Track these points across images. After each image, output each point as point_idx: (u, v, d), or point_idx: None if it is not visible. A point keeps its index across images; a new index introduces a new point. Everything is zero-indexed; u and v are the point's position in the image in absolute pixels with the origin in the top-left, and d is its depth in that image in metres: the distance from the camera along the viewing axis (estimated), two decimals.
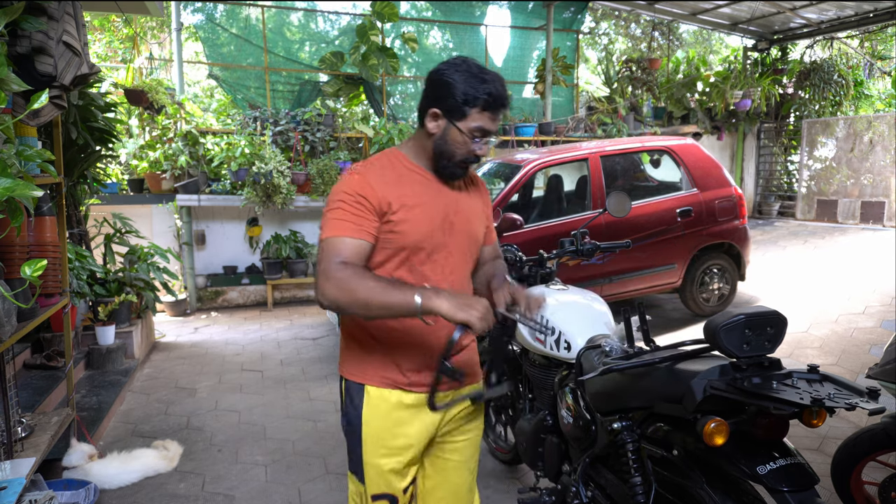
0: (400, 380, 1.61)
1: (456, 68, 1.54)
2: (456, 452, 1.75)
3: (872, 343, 4.55)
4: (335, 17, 8.44)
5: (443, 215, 1.61)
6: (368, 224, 1.51)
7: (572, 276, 4.75)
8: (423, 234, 1.56)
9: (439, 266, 1.61)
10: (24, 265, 1.68)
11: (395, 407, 1.61)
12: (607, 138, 7.92)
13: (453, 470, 1.76)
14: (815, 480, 1.39)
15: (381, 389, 1.61)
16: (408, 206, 1.55)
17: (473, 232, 1.70)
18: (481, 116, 1.53)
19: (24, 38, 2.35)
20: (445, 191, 1.64)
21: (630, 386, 1.74)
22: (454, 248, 1.64)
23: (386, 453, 1.61)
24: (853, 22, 9.15)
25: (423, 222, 1.56)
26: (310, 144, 7.09)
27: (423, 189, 1.60)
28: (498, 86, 1.54)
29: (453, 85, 1.52)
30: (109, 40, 8.87)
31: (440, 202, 1.62)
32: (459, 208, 1.66)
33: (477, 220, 1.72)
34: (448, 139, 1.56)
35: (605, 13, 11.55)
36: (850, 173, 9.21)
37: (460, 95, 1.51)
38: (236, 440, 3.56)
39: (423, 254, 1.58)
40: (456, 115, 1.53)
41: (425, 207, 1.58)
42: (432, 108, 1.55)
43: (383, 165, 1.60)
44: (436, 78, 1.56)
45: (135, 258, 5.09)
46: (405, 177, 1.60)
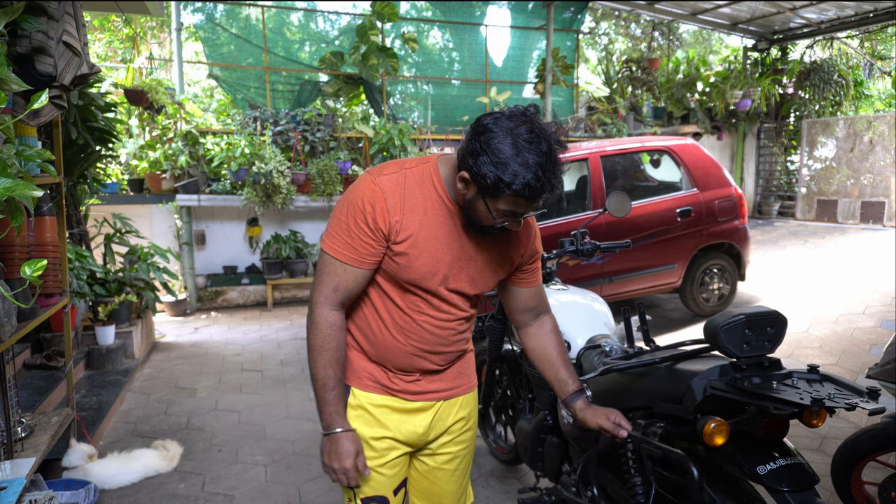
0: (389, 385, 1.57)
1: (507, 131, 1.28)
2: (451, 462, 1.69)
3: (872, 343, 4.55)
4: (335, 17, 8.44)
5: (453, 258, 1.48)
6: (372, 252, 1.44)
7: (572, 276, 4.75)
8: (423, 273, 1.46)
9: (437, 302, 1.51)
10: (24, 265, 1.68)
11: (381, 409, 1.57)
12: (607, 138, 7.92)
13: (445, 480, 1.70)
14: (815, 480, 1.39)
15: (369, 393, 1.57)
16: (416, 241, 1.43)
17: (484, 281, 1.54)
18: (515, 202, 1.31)
19: (24, 38, 2.35)
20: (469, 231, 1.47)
21: (630, 386, 1.74)
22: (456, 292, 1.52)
23: (371, 455, 1.56)
24: (853, 22, 9.15)
25: (427, 264, 1.45)
26: (310, 144, 7.09)
27: (442, 224, 1.45)
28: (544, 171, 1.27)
29: (496, 153, 1.27)
30: (109, 40, 8.87)
31: (456, 244, 1.47)
32: (476, 256, 1.50)
33: (494, 271, 1.55)
34: (475, 208, 1.38)
35: (605, 13, 11.56)
36: (850, 173, 9.21)
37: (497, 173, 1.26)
38: (236, 440, 3.56)
39: (421, 290, 1.49)
40: (487, 191, 1.31)
41: (437, 247, 1.45)
42: (463, 173, 1.34)
43: (408, 184, 1.44)
44: (480, 133, 1.31)
45: (135, 258, 5.09)
46: (428, 203, 1.44)
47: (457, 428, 1.67)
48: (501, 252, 1.55)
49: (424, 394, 1.60)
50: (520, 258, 1.60)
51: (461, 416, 1.67)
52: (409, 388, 1.58)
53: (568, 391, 1.66)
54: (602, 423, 1.60)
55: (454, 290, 1.51)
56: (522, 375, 2.66)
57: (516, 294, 1.67)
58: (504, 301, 1.71)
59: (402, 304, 1.52)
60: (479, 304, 1.65)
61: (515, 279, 1.65)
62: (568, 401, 1.66)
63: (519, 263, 1.61)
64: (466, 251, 1.49)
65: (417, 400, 1.59)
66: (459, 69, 9.00)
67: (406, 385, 1.57)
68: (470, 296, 1.56)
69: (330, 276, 1.46)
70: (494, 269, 1.55)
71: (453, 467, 1.69)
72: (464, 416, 1.68)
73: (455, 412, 1.66)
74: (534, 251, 1.62)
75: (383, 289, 1.52)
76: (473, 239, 1.49)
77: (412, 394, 1.58)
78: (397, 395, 1.57)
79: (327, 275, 1.47)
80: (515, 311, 1.70)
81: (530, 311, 1.70)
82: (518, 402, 2.83)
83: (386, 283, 1.52)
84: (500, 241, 1.53)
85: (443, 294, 1.51)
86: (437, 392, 1.62)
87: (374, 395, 1.57)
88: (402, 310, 1.52)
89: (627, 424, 1.59)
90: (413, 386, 1.58)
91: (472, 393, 1.71)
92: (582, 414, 1.64)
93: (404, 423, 1.58)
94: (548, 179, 1.28)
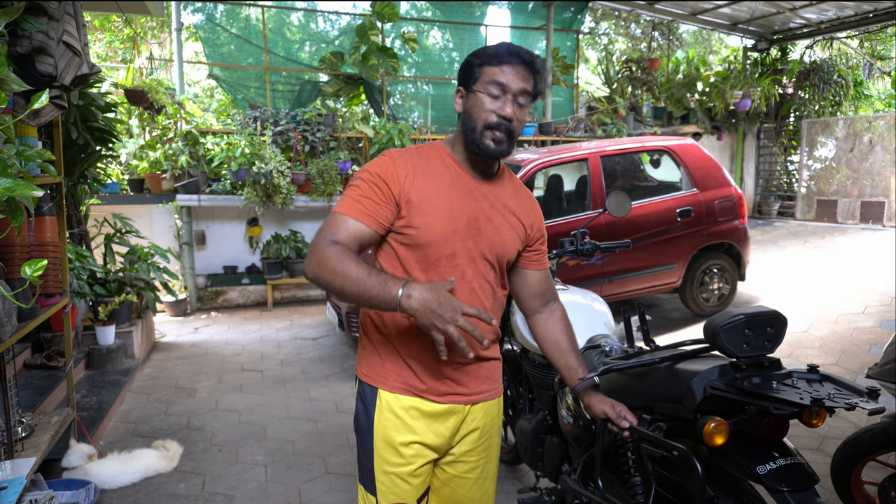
0: (417, 385, 1.52)
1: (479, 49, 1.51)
2: (474, 471, 1.65)
3: (872, 343, 4.55)
4: (335, 17, 8.44)
5: (470, 218, 1.50)
6: (378, 211, 1.44)
7: (572, 276, 4.75)
8: (440, 233, 1.46)
9: (460, 270, 1.50)
10: (25, 265, 1.68)
11: (409, 413, 1.52)
12: (607, 138, 7.92)
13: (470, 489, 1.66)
14: (815, 480, 1.39)
15: (397, 395, 1.52)
16: (430, 202, 1.46)
17: (503, 244, 1.56)
18: (496, 70, 1.44)
19: (25, 38, 2.35)
20: (481, 193, 1.53)
21: (630, 386, 1.74)
22: (478, 256, 1.52)
23: (398, 462, 1.52)
24: (853, 22, 9.15)
25: (443, 222, 1.46)
26: (310, 144, 7.10)
27: (454, 185, 1.51)
28: (516, 46, 1.47)
29: (472, 58, 1.49)
30: (109, 40, 8.88)
31: (470, 203, 1.51)
32: (492, 216, 1.53)
33: (511, 234, 1.57)
34: (468, 109, 1.49)
35: (605, 13, 11.56)
36: (850, 173, 9.21)
37: (476, 60, 1.48)
38: (236, 440, 3.56)
39: (441, 255, 1.48)
40: (472, 81, 1.48)
41: (450, 206, 1.48)
42: (457, 89, 1.53)
43: (420, 156, 1.53)
44: (461, 65, 1.53)
45: (135, 258, 5.09)
46: (439, 170, 1.51)
47: (475, 437, 1.63)
48: (514, 214, 1.58)
49: (452, 395, 1.55)
50: (530, 227, 1.63)
51: (480, 424, 1.63)
52: (437, 388, 1.53)
53: (576, 378, 1.68)
54: (607, 410, 1.63)
55: (478, 252, 1.51)
56: (522, 375, 2.66)
57: (527, 278, 1.69)
58: (514, 288, 1.72)
59: (425, 278, 1.48)
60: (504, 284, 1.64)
61: (525, 260, 1.66)
62: (577, 388, 1.68)
63: (530, 237, 1.63)
64: (483, 211, 1.52)
65: (445, 402, 1.54)
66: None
67: (434, 384, 1.52)
68: (493, 262, 1.55)
69: (329, 226, 1.44)
70: (511, 234, 1.57)
71: (475, 476, 1.66)
72: (482, 426, 1.63)
73: (480, 418, 1.62)
74: (541, 228, 1.67)
75: (405, 267, 1.50)
76: (487, 200, 1.53)
77: (440, 395, 1.53)
78: (425, 396, 1.53)
79: (327, 226, 1.44)
80: (526, 296, 1.72)
81: (540, 296, 1.72)
82: (518, 402, 2.83)
83: (408, 260, 1.49)
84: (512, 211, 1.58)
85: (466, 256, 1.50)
86: (465, 395, 1.57)
87: (402, 396, 1.52)
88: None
89: (632, 417, 1.60)
90: (441, 385, 1.53)
91: (497, 399, 1.67)
92: (588, 400, 1.67)
93: (432, 427, 1.54)
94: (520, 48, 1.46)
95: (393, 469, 1.52)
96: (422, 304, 1.26)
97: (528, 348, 2.47)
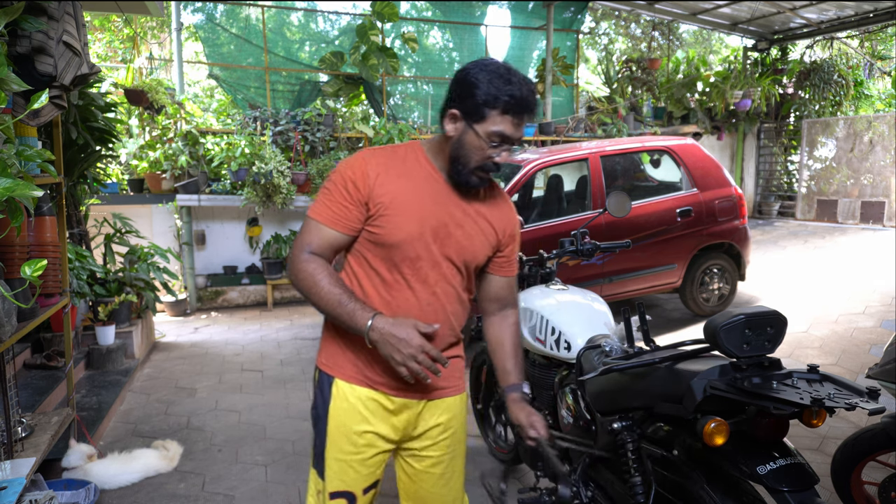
0: (373, 378, 1.55)
1: (482, 68, 1.44)
2: (438, 466, 1.67)
3: (872, 343, 4.55)
4: (335, 17, 8.44)
5: (440, 222, 1.51)
6: (349, 215, 1.48)
7: (572, 276, 4.75)
8: (407, 235, 1.47)
9: (423, 273, 1.51)
10: (24, 265, 1.68)
11: (364, 404, 1.55)
12: (607, 138, 7.92)
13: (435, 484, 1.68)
14: (815, 480, 1.39)
15: (353, 385, 1.55)
16: (400, 204, 1.47)
17: (472, 251, 1.57)
18: (502, 120, 1.42)
19: (24, 38, 2.35)
20: (455, 199, 1.53)
21: (630, 386, 1.73)
22: (443, 261, 1.53)
23: (349, 450, 1.56)
24: (853, 22, 9.15)
25: (410, 223, 1.48)
26: (310, 144, 7.10)
27: (427, 189, 1.51)
28: (524, 89, 1.42)
29: (475, 84, 1.41)
30: (109, 40, 8.88)
31: (441, 208, 1.51)
32: (464, 222, 1.54)
33: (482, 241, 1.58)
34: (464, 143, 1.46)
35: (605, 13, 11.55)
36: (850, 173, 9.21)
37: (481, 95, 1.41)
38: (236, 440, 3.56)
39: (405, 256, 1.49)
40: (474, 117, 1.44)
41: (420, 209, 1.49)
42: (451, 109, 1.47)
43: (395, 156, 1.53)
44: (460, 77, 1.46)
45: (135, 258, 5.09)
46: (413, 172, 1.52)
47: (436, 433, 1.64)
48: (487, 220, 1.59)
49: (407, 391, 1.56)
50: (503, 233, 1.63)
51: (442, 420, 1.64)
52: (393, 383, 1.54)
53: (508, 382, 1.72)
54: (522, 417, 1.66)
55: (443, 257, 1.53)
56: None
57: (491, 282, 1.71)
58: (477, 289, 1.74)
59: (388, 278, 1.51)
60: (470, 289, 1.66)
61: (493, 265, 1.68)
62: (506, 391, 1.72)
63: (501, 243, 1.64)
64: (454, 216, 1.53)
65: (400, 396, 1.56)
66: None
67: (390, 379, 1.53)
68: (459, 267, 1.57)
69: (305, 234, 1.51)
70: (482, 240, 1.59)
71: (440, 471, 1.67)
72: (443, 422, 1.65)
73: (438, 415, 1.63)
74: (514, 234, 1.68)
75: (370, 263, 1.52)
76: (459, 206, 1.54)
77: (395, 389, 1.55)
78: (380, 388, 1.55)
79: (303, 234, 1.52)
80: (485, 298, 1.75)
81: (499, 300, 1.75)
82: None
83: (373, 257, 1.52)
84: (485, 217, 1.58)
85: (430, 260, 1.51)
86: (421, 392, 1.58)
87: (358, 387, 1.56)
88: (388, 284, 1.51)
89: (542, 430, 1.64)
90: (397, 380, 1.53)
91: (459, 396, 1.69)
92: (511, 405, 1.69)
93: (386, 419, 1.57)
94: (530, 96, 1.44)
95: (344, 457, 1.57)
96: (383, 339, 1.39)
97: (528, 348, 2.47)
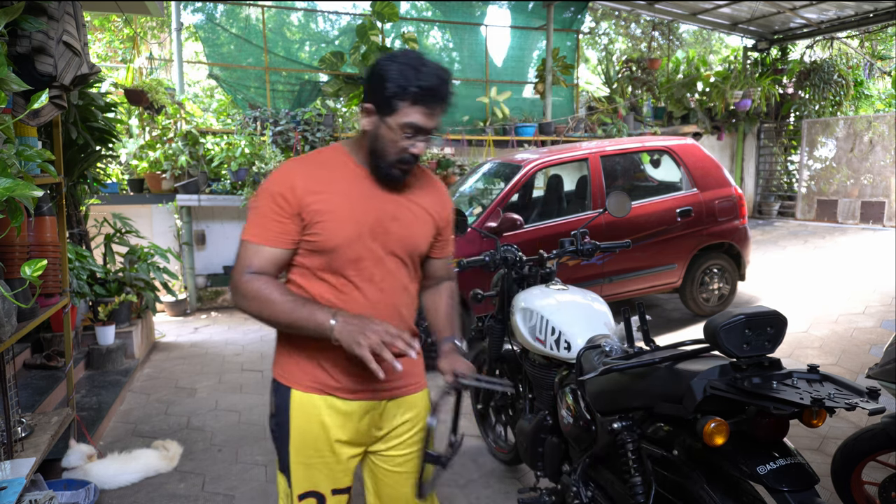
0: (329, 383, 1.52)
1: (392, 60, 1.42)
2: (405, 464, 1.65)
3: (872, 343, 4.55)
4: (335, 17, 8.44)
5: (375, 219, 1.49)
6: (285, 229, 1.45)
7: (572, 276, 4.75)
8: (345, 238, 1.46)
9: (368, 273, 1.50)
10: (24, 265, 1.68)
11: (324, 412, 1.52)
12: (607, 138, 7.92)
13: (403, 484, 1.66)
14: (815, 480, 1.39)
15: (310, 395, 1.52)
16: (332, 208, 1.45)
17: (413, 240, 1.57)
18: (413, 111, 1.41)
19: (24, 38, 2.35)
20: (385, 192, 1.52)
21: (630, 386, 1.73)
22: (386, 256, 1.52)
23: (313, 454, 1.53)
24: (853, 22, 9.15)
25: (346, 226, 1.46)
26: (310, 144, 7.09)
27: (356, 190, 1.49)
28: (434, 78, 1.40)
29: (385, 77, 1.39)
30: (109, 40, 8.87)
31: (374, 205, 1.50)
32: (399, 214, 1.54)
33: (420, 228, 1.58)
34: (379, 137, 1.45)
35: (605, 13, 11.56)
36: (850, 173, 9.21)
37: (390, 88, 1.39)
38: (236, 440, 3.56)
39: (347, 259, 1.48)
40: (386, 110, 1.42)
41: (353, 211, 1.47)
42: (365, 104, 1.46)
43: (318, 162, 1.51)
44: (372, 70, 1.44)
45: (135, 258, 5.08)
46: (338, 175, 1.50)
47: (403, 430, 1.63)
48: (422, 207, 1.59)
49: (365, 392, 1.54)
50: (439, 217, 1.64)
51: (407, 417, 1.63)
52: (350, 385, 1.52)
53: (441, 336, 1.74)
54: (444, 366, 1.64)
55: (385, 253, 1.52)
56: (522, 375, 2.66)
57: (429, 264, 1.73)
58: None
59: (335, 283, 1.50)
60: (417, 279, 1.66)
61: (433, 249, 1.69)
62: (439, 344, 1.73)
63: (439, 226, 1.66)
64: (388, 211, 1.52)
65: (358, 398, 1.54)
66: (459, 69, 9.00)
67: (346, 381, 1.51)
68: (403, 259, 1.57)
69: (243, 259, 1.47)
70: (420, 228, 1.59)
71: (408, 469, 1.66)
72: (409, 418, 1.64)
73: (402, 413, 1.62)
74: (448, 217, 1.70)
75: (314, 273, 1.50)
76: (392, 199, 1.54)
77: (353, 392, 1.53)
78: (337, 394, 1.52)
79: (241, 259, 1.48)
80: (424, 277, 1.75)
81: (436, 278, 1.78)
82: (518, 402, 2.83)
83: (315, 266, 1.50)
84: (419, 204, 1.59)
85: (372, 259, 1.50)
86: (380, 391, 1.56)
87: (315, 395, 1.53)
88: (336, 289, 1.50)
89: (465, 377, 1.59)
90: (354, 383, 1.52)
91: (420, 393, 1.67)
92: (441, 356, 1.68)
93: (347, 424, 1.54)
94: (441, 85, 1.42)
95: (309, 461, 1.54)
96: (346, 328, 1.35)
97: (528, 348, 2.47)
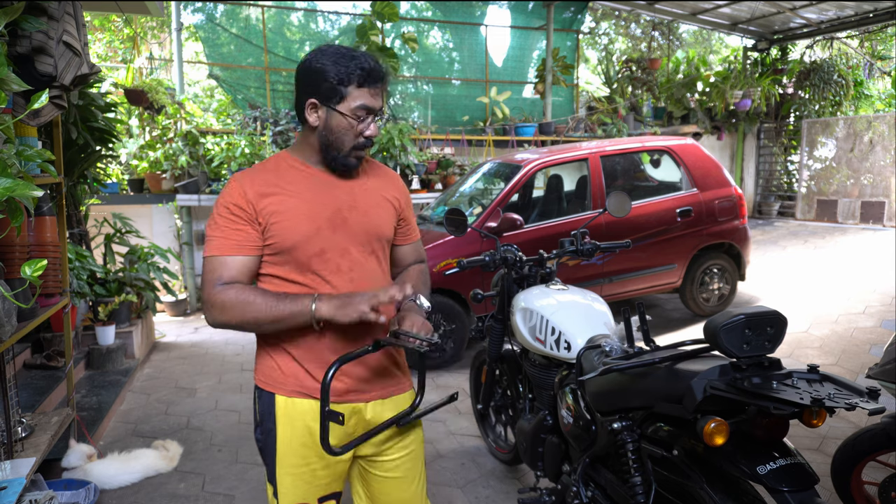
0: (312, 387, 1.50)
1: (322, 54, 1.47)
2: (396, 469, 1.63)
3: (872, 343, 4.55)
4: (335, 17, 8.44)
5: (332, 211, 1.51)
6: (247, 237, 1.46)
7: (572, 276, 4.75)
8: (302, 234, 1.47)
9: (334, 264, 1.51)
10: (24, 265, 1.68)
11: (309, 416, 1.51)
12: (607, 138, 7.92)
13: (395, 489, 1.64)
14: (815, 480, 1.39)
15: (294, 400, 1.51)
16: (286, 208, 1.47)
17: (375, 226, 1.58)
18: (360, 93, 1.46)
19: (24, 38, 2.35)
20: (339, 185, 1.55)
21: (630, 386, 1.73)
22: (350, 245, 1.53)
23: (299, 463, 1.52)
24: (853, 22, 9.15)
25: (302, 222, 1.48)
26: None
27: (308, 187, 1.52)
28: (369, 60, 1.46)
29: (324, 69, 1.44)
30: (109, 40, 8.87)
31: (329, 198, 1.52)
32: (356, 202, 1.55)
33: (380, 213, 1.60)
34: (332, 128, 1.48)
35: (605, 13, 11.55)
36: (850, 173, 9.21)
37: (333, 77, 1.43)
38: (236, 440, 3.56)
39: (310, 255, 1.49)
40: (334, 100, 1.46)
41: (308, 206, 1.49)
42: (310, 100, 1.47)
43: (265, 169, 1.54)
44: (304, 68, 1.48)
45: (135, 258, 5.09)
46: (288, 177, 1.51)
47: (391, 432, 1.62)
48: (378, 192, 1.61)
49: (350, 394, 1.54)
50: (397, 200, 1.66)
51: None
52: (334, 388, 1.50)
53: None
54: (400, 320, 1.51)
55: (349, 242, 1.53)
56: (522, 375, 2.66)
57: (398, 252, 1.74)
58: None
59: (304, 280, 1.50)
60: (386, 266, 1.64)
61: (398, 236, 1.70)
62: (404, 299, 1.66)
63: (399, 209, 1.67)
64: (344, 200, 1.54)
65: (343, 401, 1.53)
66: (459, 69, 9.00)
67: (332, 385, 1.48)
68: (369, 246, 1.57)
69: (210, 273, 1.46)
70: (381, 213, 1.60)
71: (400, 475, 1.65)
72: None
73: (389, 414, 1.60)
74: (406, 200, 1.71)
75: (282, 276, 1.51)
76: (347, 190, 1.55)
77: (338, 395, 1.52)
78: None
79: (208, 274, 1.47)
80: (395, 265, 1.76)
81: (407, 266, 1.77)
82: (518, 402, 2.83)
83: (281, 268, 1.50)
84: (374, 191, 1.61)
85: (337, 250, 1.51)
86: (365, 393, 1.56)
87: (298, 400, 1.52)
88: (306, 286, 1.50)
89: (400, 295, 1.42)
90: (338, 385, 1.51)
91: (407, 393, 1.67)
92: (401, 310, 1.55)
93: (335, 427, 1.50)
94: (378, 65, 1.47)
95: (294, 470, 1.53)
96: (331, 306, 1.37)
97: (528, 348, 2.47)
